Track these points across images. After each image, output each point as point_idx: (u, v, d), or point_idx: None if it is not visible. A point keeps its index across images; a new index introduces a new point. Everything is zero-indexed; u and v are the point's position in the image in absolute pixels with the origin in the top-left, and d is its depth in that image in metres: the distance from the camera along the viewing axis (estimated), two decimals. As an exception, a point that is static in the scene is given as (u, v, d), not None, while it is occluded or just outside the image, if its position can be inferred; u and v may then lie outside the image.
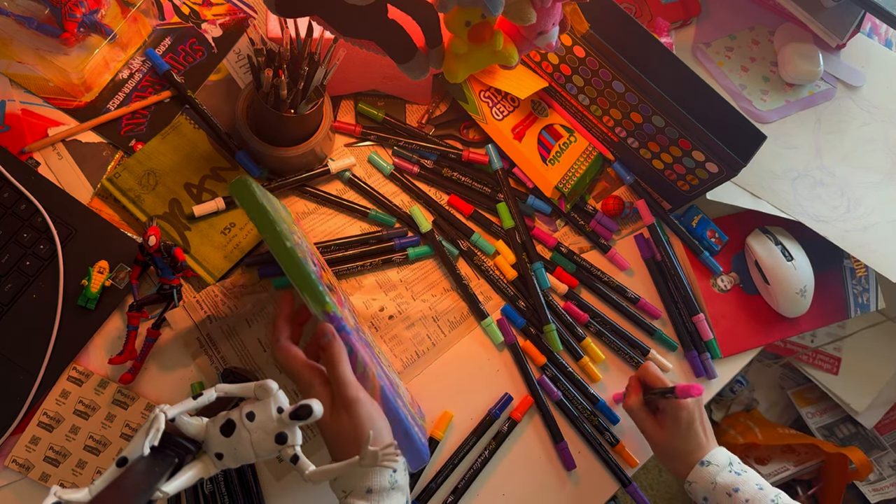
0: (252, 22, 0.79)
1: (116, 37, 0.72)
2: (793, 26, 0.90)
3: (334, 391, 0.55)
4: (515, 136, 0.78)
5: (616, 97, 0.73)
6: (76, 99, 0.73)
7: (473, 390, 0.74)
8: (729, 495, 0.64)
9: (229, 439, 0.49)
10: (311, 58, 0.66)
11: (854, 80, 0.90)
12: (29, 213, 0.68)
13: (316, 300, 0.55)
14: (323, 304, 0.55)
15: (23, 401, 0.64)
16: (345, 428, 0.53)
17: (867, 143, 0.87)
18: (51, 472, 0.64)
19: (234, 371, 0.67)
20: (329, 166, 0.75)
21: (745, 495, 0.64)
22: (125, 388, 0.67)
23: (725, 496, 0.64)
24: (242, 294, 0.71)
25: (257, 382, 0.50)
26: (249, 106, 0.71)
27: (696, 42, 0.89)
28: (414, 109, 0.81)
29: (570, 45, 0.72)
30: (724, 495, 0.64)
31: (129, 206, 0.70)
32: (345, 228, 0.76)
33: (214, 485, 0.65)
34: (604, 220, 0.81)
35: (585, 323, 0.77)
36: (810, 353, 1.09)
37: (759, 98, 0.88)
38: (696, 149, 0.71)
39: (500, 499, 0.72)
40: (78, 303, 0.67)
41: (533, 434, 0.74)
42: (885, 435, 1.22)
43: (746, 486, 0.64)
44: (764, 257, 0.80)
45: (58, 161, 0.71)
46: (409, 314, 0.74)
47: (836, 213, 0.82)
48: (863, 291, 0.85)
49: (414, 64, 0.59)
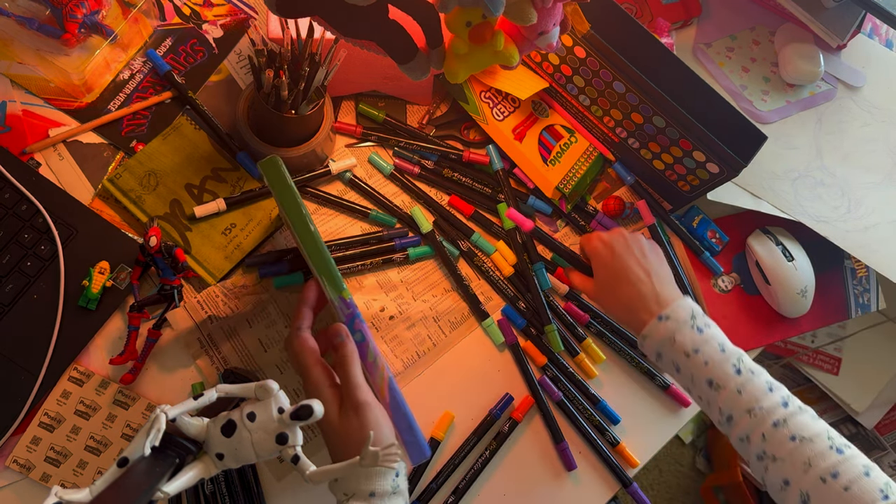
0: (253, 23, 0.79)
1: (117, 37, 0.72)
2: (793, 27, 0.90)
3: (344, 393, 0.55)
4: (516, 136, 0.78)
5: (617, 98, 0.73)
6: (77, 100, 0.73)
7: (474, 391, 0.74)
8: (687, 356, 0.59)
9: (230, 439, 0.49)
10: (312, 58, 0.66)
11: (855, 81, 0.90)
12: (30, 214, 0.68)
13: (334, 285, 0.58)
14: (340, 289, 0.57)
15: (24, 401, 0.64)
16: (352, 431, 0.53)
17: (868, 144, 0.87)
18: (52, 473, 0.64)
19: (235, 371, 0.67)
20: (330, 167, 0.75)
21: (704, 357, 0.59)
22: (126, 389, 0.67)
23: (683, 356, 0.59)
24: (243, 294, 0.71)
25: (258, 383, 0.50)
26: (250, 107, 0.71)
27: (697, 42, 0.89)
28: (414, 110, 0.81)
29: (571, 46, 0.72)
30: (682, 355, 0.59)
31: (130, 206, 0.70)
32: (345, 229, 0.76)
33: (215, 485, 0.65)
34: (604, 220, 0.81)
35: (586, 323, 0.77)
36: (811, 354, 1.09)
37: (760, 98, 0.88)
38: (696, 149, 0.71)
39: (501, 499, 0.72)
40: (79, 303, 0.67)
41: (534, 434, 0.74)
42: (885, 435, 1.22)
43: (707, 347, 0.59)
44: (765, 258, 0.80)
45: (59, 162, 0.71)
46: (410, 314, 0.74)
47: (836, 214, 0.82)
48: (863, 292, 0.85)
49: (415, 64, 0.59)
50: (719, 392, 0.58)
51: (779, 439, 0.55)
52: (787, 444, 0.55)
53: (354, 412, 0.54)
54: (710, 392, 0.59)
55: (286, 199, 0.58)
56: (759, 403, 0.57)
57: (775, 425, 0.56)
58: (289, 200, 0.58)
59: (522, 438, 0.74)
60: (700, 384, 0.59)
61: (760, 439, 0.56)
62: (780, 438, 0.55)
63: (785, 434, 0.55)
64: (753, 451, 0.57)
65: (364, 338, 0.58)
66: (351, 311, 0.58)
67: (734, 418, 0.58)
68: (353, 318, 0.58)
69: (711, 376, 0.58)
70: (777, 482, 0.55)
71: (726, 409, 0.58)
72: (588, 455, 0.74)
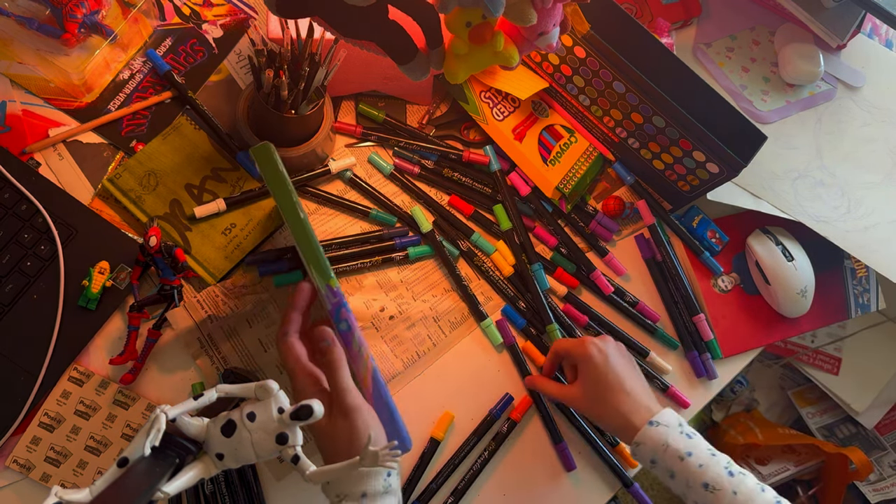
0: (253, 23, 0.79)
1: (117, 37, 0.72)
2: (793, 27, 0.90)
3: (333, 397, 0.55)
4: (516, 136, 0.78)
5: (617, 98, 0.73)
6: (77, 100, 0.73)
7: (474, 391, 0.74)
8: (681, 459, 0.59)
9: (230, 439, 0.49)
10: (312, 58, 0.66)
11: (855, 81, 0.90)
12: (30, 214, 0.68)
13: (322, 273, 0.58)
14: (328, 277, 0.58)
15: (24, 401, 0.64)
16: (341, 434, 0.54)
17: (868, 144, 0.87)
18: (52, 473, 0.64)
19: (235, 371, 0.67)
20: (330, 166, 0.75)
21: (699, 460, 0.59)
22: (126, 389, 0.67)
23: (677, 460, 0.60)
24: (243, 294, 0.71)
25: (258, 383, 0.50)
26: (250, 106, 0.71)
27: (697, 42, 0.89)
28: (414, 110, 0.81)
29: (571, 46, 0.72)
30: (676, 459, 0.60)
31: (130, 206, 0.70)
32: (346, 228, 0.76)
33: (215, 485, 0.65)
34: (604, 220, 0.81)
35: (585, 325, 0.77)
36: (811, 354, 1.09)
37: (760, 98, 0.88)
38: (696, 149, 0.71)
39: (501, 499, 0.72)
40: (79, 303, 0.67)
41: (534, 435, 0.74)
42: (885, 435, 1.22)
43: (698, 451, 0.60)
44: (764, 257, 0.80)
45: (58, 162, 0.71)
46: (410, 314, 0.74)
47: (836, 214, 0.82)
48: (863, 292, 0.85)
49: (415, 65, 0.59)
50: (716, 494, 0.58)
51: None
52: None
53: (343, 416, 0.54)
54: (707, 496, 0.58)
55: (277, 185, 0.58)
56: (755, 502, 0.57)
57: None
58: (279, 186, 0.58)
59: (522, 439, 0.74)
60: (696, 488, 0.59)
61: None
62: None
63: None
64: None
65: (349, 327, 0.59)
66: (338, 299, 0.59)
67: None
68: (340, 308, 0.58)
69: (706, 479, 0.58)
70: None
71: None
72: (588, 455, 0.74)
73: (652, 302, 0.80)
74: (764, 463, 1.30)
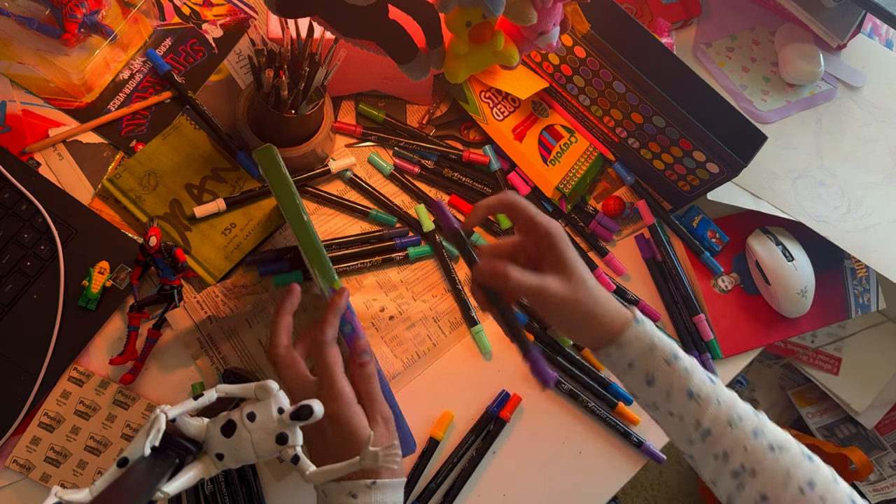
0: (253, 22, 0.79)
1: (117, 37, 0.72)
2: (793, 27, 0.90)
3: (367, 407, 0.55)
4: (516, 136, 0.78)
5: (617, 97, 0.73)
6: (77, 100, 0.73)
7: (474, 391, 0.74)
8: (667, 363, 0.53)
9: (230, 440, 0.49)
10: (312, 58, 0.66)
11: (855, 81, 0.90)
12: (30, 214, 0.68)
13: (325, 275, 0.58)
14: (332, 280, 0.58)
15: (23, 401, 0.64)
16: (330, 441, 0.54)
17: (868, 144, 0.87)
18: (51, 473, 0.64)
19: (235, 371, 0.67)
20: (330, 166, 0.75)
21: (685, 363, 0.53)
22: (126, 389, 0.67)
23: (662, 363, 0.53)
24: (243, 294, 0.71)
25: (258, 383, 0.50)
26: (250, 106, 0.71)
27: (697, 42, 0.89)
28: (414, 110, 0.81)
29: (571, 46, 0.72)
30: (661, 362, 0.53)
31: (130, 206, 0.70)
32: (346, 228, 0.76)
33: (215, 485, 0.65)
34: (604, 220, 0.81)
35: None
36: (811, 354, 1.09)
37: (760, 98, 0.88)
38: (696, 149, 0.71)
39: (501, 499, 0.72)
40: (79, 303, 0.67)
41: (534, 435, 0.74)
42: (885, 435, 1.22)
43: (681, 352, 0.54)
44: (765, 257, 0.80)
45: (58, 162, 0.71)
46: (410, 315, 0.74)
47: (836, 214, 0.82)
48: (863, 292, 0.85)
49: (415, 64, 0.59)
50: (700, 403, 0.53)
51: (760, 451, 0.52)
52: (766, 456, 0.52)
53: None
54: (689, 405, 0.53)
55: (280, 187, 0.59)
56: (737, 412, 0.53)
57: (755, 435, 0.52)
58: (283, 189, 0.59)
59: (523, 439, 0.73)
60: (677, 397, 0.53)
61: (742, 452, 0.52)
62: (760, 450, 0.52)
63: (764, 444, 0.52)
64: (730, 467, 0.52)
65: (353, 330, 0.59)
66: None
67: (713, 433, 0.53)
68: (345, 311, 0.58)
69: (691, 386, 0.52)
70: (752, 499, 0.52)
71: (706, 422, 0.53)
72: (588, 455, 0.74)
73: (652, 302, 0.80)
74: (764, 463, 1.30)
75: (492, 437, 0.72)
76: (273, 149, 0.59)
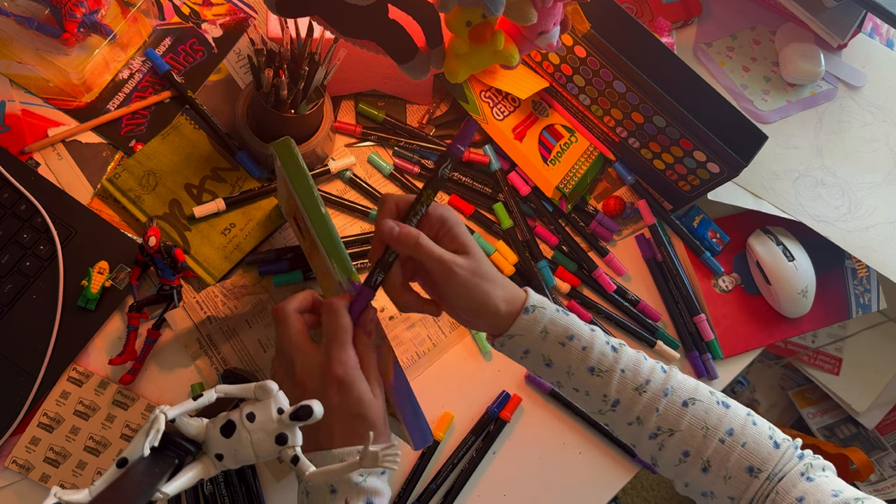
0: (252, 22, 0.79)
1: (116, 37, 0.71)
2: (794, 26, 0.90)
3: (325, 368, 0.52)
4: (516, 136, 0.78)
5: (617, 97, 0.73)
6: (76, 99, 0.73)
7: (474, 391, 0.74)
8: (562, 345, 0.52)
9: (229, 440, 0.48)
10: (312, 58, 0.66)
11: (855, 81, 0.90)
12: (29, 214, 0.68)
13: (344, 268, 0.57)
14: (349, 272, 0.57)
15: (23, 401, 0.64)
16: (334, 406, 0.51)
17: (868, 144, 0.87)
18: (51, 473, 0.64)
19: (235, 372, 0.67)
20: (329, 166, 0.75)
21: (582, 342, 0.52)
22: (125, 389, 0.67)
23: (557, 347, 0.52)
24: (243, 295, 0.71)
25: (257, 383, 0.50)
26: (250, 106, 0.71)
27: (698, 42, 0.89)
28: (414, 110, 0.81)
29: (572, 45, 0.72)
30: (557, 346, 0.52)
31: (129, 206, 0.70)
32: (345, 228, 0.76)
33: (214, 485, 0.65)
34: (605, 220, 0.80)
35: (588, 322, 0.77)
36: (811, 354, 1.08)
37: (761, 98, 0.87)
38: (697, 149, 0.71)
39: (501, 499, 0.71)
40: (78, 303, 0.67)
41: (534, 435, 0.74)
42: (886, 435, 1.22)
43: (579, 331, 0.53)
44: (765, 257, 0.80)
45: (58, 161, 0.71)
46: (410, 315, 0.74)
47: (837, 214, 0.82)
48: (864, 292, 0.85)
49: (415, 64, 0.59)
50: (603, 377, 0.52)
51: (673, 409, 0.51)
52: (681, 412, 0.51)
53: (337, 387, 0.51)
54: (593, 380, 0.52)
55: (299, 181, 0.58)
56: (644, 377, 0.52)
57: (666, 394, 0.52)
58: (301, 181, 0.58)
59: (522, 439, 0.73)
60: (579, 374, 0.52)
61: (654, 415, 0.52)
62: (673, 408, 0.51)
63: (676, 401, 0.51)
64: (647, 431, 0.52)
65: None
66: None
67: (622, 402, 0.52)
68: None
69: (592, 363, 0.52)
70: (674, 457, 0.52)
71: (613, 394, 0.52)
72: (589, 454, 0.74)
73: (652, 302, 0.80)
74: (764, 463, 1.30)
75: (492, 438, 0.72)
76: (291, 141, 0.59)
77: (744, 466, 0.51)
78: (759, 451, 0.51)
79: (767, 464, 0.51)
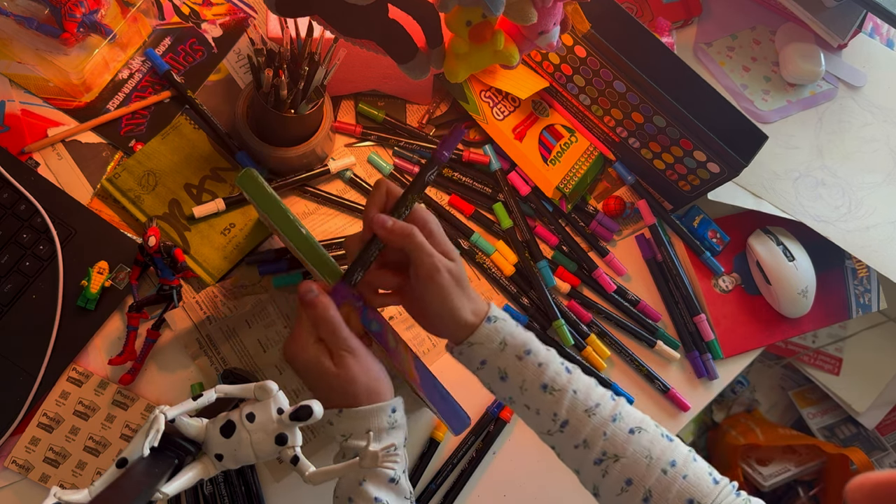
0: (252, 22, 0.79)
1: (116, 37, 0.71)
2: (794, 26, 0.90)
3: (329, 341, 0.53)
4: (516, 136, 0.78)
5: (617, 97, 0.73)
6: (76, 99, 0.73)
7: (474, 391, 0.73)
8: (519, 359, 0.53)
9: (229, 440, 0.48)
10: (312, 58, 0.66)
11: (856, 81, 0.90)
12: (28, 214, 0.68)
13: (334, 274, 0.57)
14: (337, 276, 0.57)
15: (22, 401, 0.64)
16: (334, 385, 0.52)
17: (869, 144, 0.87)
18: (51, 473, 0.64)
19: (234, 372, 0.67)
20: (329, 166, 0.75)
21: (538, 358, 0.53)
22: (125, 389, 0.67)
23: (514, 360, 0.53)
24: (242, 295, 0.71)
25: (257, 383, 0.50)
26: (249, 106, 0.71)
27: (698, 42, 0.89)
28: (414, 109, 0.80)
29: (572, 45, 0.72)
30: (513, 358, 0.53)
31: (129, 206, 0.70)
32: (345, 228, 0.75)
33: (214, 486, 0.65)
34: (605, 220, 0.80)
35: (588, 322, 0.77)
36: (811, 354, 1.08)
37: (761, 98, 0.87)
38: (697, 149, 0.71)
39: (501, 499, 0.71)
40: (77, 303, 0.67)
41: (534, 435, 0.73)
42: (886, 436, 1.22)
43: (536, 346, 0.53)
44: (765, 258, 0.80)
45: (57, 161, 0.71)
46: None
47: (837, 214, 0.82)
48: (864, 292, 0.85)
49: (415, 64, 0.59)
50: (555, 395, 0.52)
51: (620, 435, 0.52)
52: (628, 439, 0.52)
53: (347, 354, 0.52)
54: (545, 398, 0.52)
55: (272, 210, 0.57)
56: (594, 400, 0.53)
57: (614, 420, 0.52)
58: (275, 210, 0.57)
59: (523, 439, 0.73)
60: (532, 391, 0.53)
61: (601, 439, 0.52)
62: (620, 434, 0.52)
63: (623, 428, 0.52)
64: (593, 455, 0.52)
65: (380, 326, 0.58)
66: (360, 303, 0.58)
67: (571, 423, 0.52)
68: (365, 309, 0.58)
69: (546, 380, 0.52)
70: (617, 485, 0.52)
71: (563, 413, 0.52)
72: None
73: (652, 302, 0.80)
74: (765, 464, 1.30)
75: (492, 438, 0.72)
76: (253, 172, 0.57)
77: (684, 499, 0.51)
78: (700, 484, 0.51)
79: (707, 498, 0.51)
